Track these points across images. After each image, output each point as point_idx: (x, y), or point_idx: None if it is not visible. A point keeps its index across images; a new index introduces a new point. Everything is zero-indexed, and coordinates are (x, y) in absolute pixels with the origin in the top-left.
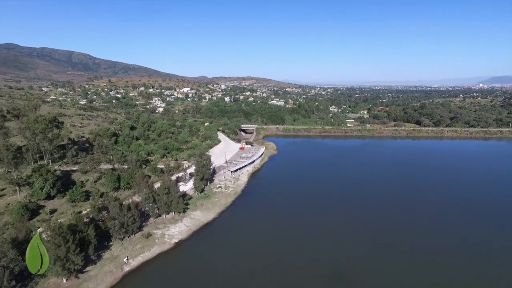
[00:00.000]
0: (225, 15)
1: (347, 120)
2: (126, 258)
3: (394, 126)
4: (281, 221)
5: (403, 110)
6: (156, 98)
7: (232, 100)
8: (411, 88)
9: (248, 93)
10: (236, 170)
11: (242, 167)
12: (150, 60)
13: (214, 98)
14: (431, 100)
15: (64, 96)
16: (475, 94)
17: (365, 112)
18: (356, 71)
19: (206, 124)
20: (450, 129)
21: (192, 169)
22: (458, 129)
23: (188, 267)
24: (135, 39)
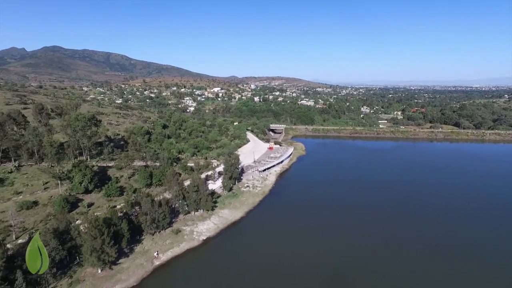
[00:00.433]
0: (256, 16)
1: (379, 121)
2: (157, 253)
3: (430, 128)
4: (308, 223)
5: (441, 111)
6: (188, 98)
7: (262, 100)
8: (450, 88)
9: (278, 93)
10: (264, 170)
11: (270, 167)
12: (182, 61)
13: (244, 98)
14: (472, 101)
15: (102, 96)
16: None
17: (399, 113)
18: (390, 71)
19: (235, 124)
20: (493, 132)
21: (221, 168)
22: (502, 132)
23: (215, 265)
24: (169, 40)
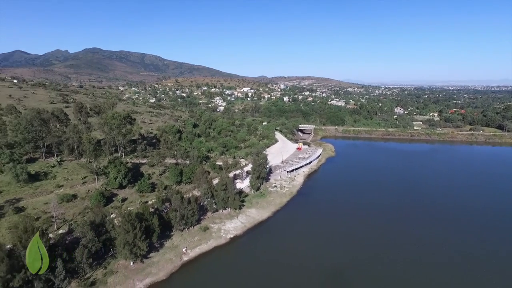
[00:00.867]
0: (286, 16)
1: (414, 123)
2: (185, 249)
3: (470, 131)
4: (336, 225)
5: (482, 113)
6: (218, 97)
7: (291, 100)
8: (493, 88)
9: (307, 93)
10: (292, 171)
11: (298, 168)
12: (213, 61)
13: (273, 98)
14: None
15: (137, 95)
16: None
17: (435, 115)
18: (426, 70)
19: (264, 124)
20: None
21: (249, 167)
22: None
23: (241, 263)
24: (200, 41)
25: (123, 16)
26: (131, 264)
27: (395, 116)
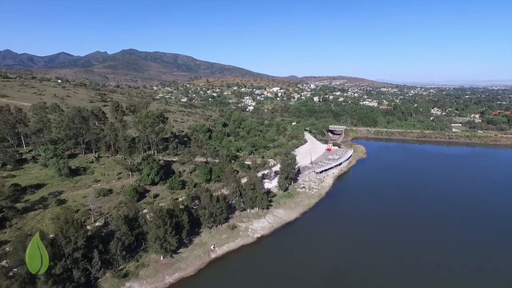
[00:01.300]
0: (317, 14)
1: (452, 125)
2: (213, 246)
3: None
4: (364, 230)
5: None
6: (248, 97)
7: (321, 100)
8: None
9: (338, 93)
10: (321, 172)
11: (328, 169)
12: (244, 61)
13: (303, 98)
14: None
15: (170, 94)
16: None
17: (477, 116)
18: (467, 69)
19: (293, 124)
20: None
21: (277, 168)
22: None
23: (268, 263)
24: (231, 41)
25: (158, 17)
26: (161, 259)
27: (432, 118)
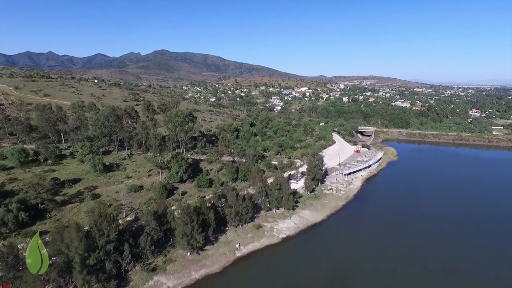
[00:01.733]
0: (347, 13)
1: (493, 127)
2: (238, 245)
3: None
4: (392, 235)
5: None
6: (275, 97)
7: (351, 100)
8: None
9: (369, 93)
10: (349, 174)
11: (356, 171)
12: (272, 61)
13: (332, 98)
14: None
15: (199, 94)
16: None
17: None
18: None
19: (321, 124)
20: None
21: (304, 168)
22: None
23: (293, 263)
24: (259, 41)
25: (189, 18)
26: (188, 255)
27: (470, 119)
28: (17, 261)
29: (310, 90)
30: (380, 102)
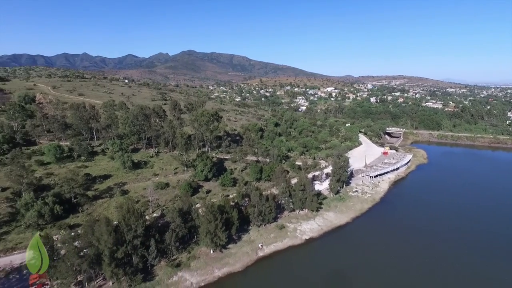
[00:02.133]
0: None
1: None
2: (261, 244)
3: None
4: (419, 243)
5: None
6: (300, 97)
7: (378, 101)
8: None
9: (398, 94)
10: (376, 176)
11: (383, 173)
12: (297, 60)
13: (359, 98)
14: None
15: (224, 94)
16: None
17: None
18: None
19: (347, 125)
20: None
21: (329, 169)
22: None
23: (315, 265)
24: (285, 41)
25: (216, 18)
26: (211, 252)
27: (508, 122)
28: (52, 251)
29: (336, 90)
30: (410, 103)
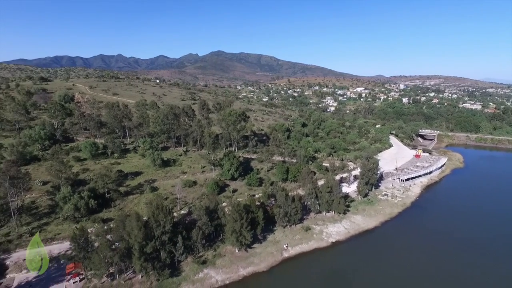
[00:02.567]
0: (407, 4)
1: None
2: (286, 245)
3: None
4: (452, 251)
5: None
6: (329, 97)
7: (411, 102)
8: None
9: (433, 94)
10: (407, 179)
11: (415, 177)
12: (326, 60)
13: (390, 99)
14: None
15: (252, 94)
16: None
17: None
18: None
19: (378, 126)
20: None
21: (357, 172)
22: None
23: (341, 270)
24: (313, 41)
25: (244, 19)
26: (237, 251)
27: None
28: (87, 243)
29: (367, 91)
30: (445, 104)
